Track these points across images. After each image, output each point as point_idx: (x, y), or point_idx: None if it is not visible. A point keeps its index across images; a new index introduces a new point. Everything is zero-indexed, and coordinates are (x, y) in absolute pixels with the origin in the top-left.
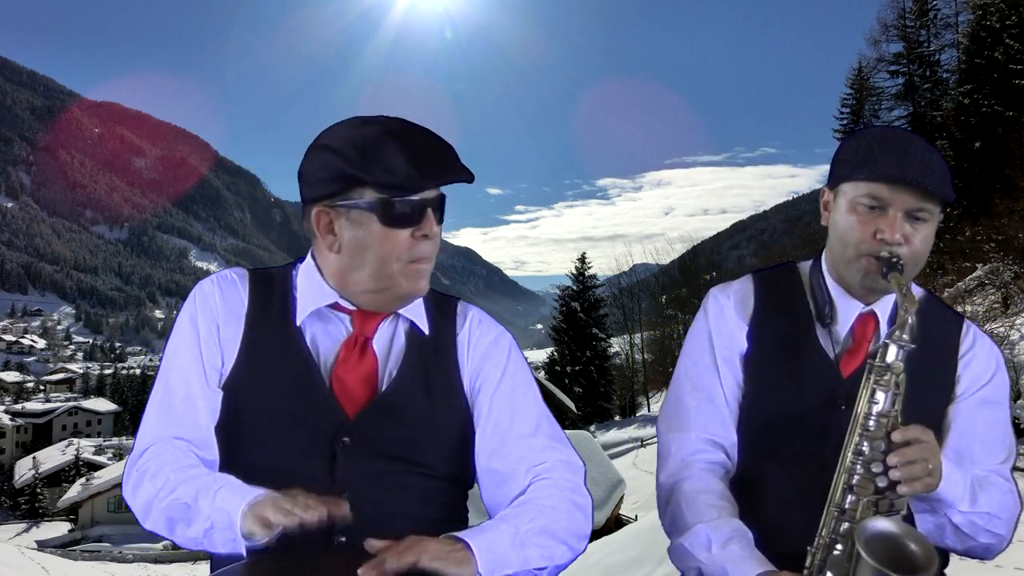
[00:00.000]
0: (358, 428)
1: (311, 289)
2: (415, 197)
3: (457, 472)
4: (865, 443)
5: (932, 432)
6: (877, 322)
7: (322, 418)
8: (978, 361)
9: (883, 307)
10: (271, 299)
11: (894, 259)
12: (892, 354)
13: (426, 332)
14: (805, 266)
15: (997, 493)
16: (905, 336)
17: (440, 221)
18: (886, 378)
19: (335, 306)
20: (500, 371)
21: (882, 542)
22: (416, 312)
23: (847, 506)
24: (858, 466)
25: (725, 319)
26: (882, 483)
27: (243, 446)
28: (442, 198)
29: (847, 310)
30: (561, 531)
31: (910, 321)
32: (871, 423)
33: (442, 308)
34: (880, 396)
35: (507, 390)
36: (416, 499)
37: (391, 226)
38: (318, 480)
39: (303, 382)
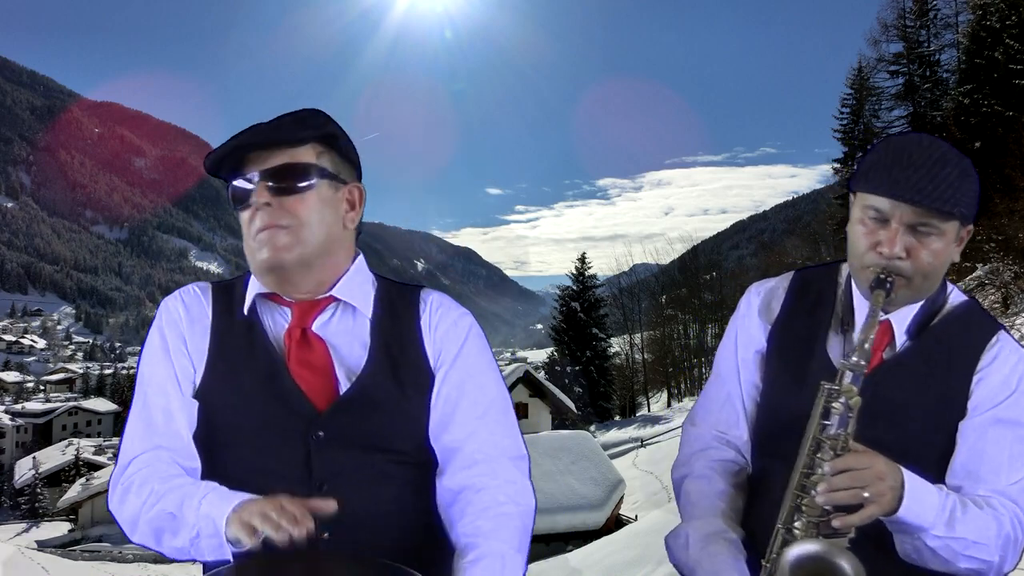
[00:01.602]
0: (330, 421)
1: (254, 284)
2: (242, 179)
3: (428, 456)
4: (814, 464)
5: (879, 457)
6: (892, 331)
7: (292, 414)
8: (994, 378)
9: (901, 316)
10: (232, 306)
11: (883, 275)
12: (848, 378)
13: (368, 315)
14: (847, 268)
15: (985, 518)
16: (862, 362)
17: (286, 191)
18: (840, 401)
19: (278, 300)
20: (456, 350)
21: (809, 566)
22: (354, 295)
23: (795, 527)
24: (806, 487)
25: (750, 317)
26: (828, 506)
27: (221, 450)
28: (281, 168)
29: (865, 317)
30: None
31: (866, 346)
32: (822, 445)
33: (403, 296)
34: (834, 419)
35: (460, 369)
36: (394, 487)
37: (238, 210)
38: (296, 476)
39: (270, 380)
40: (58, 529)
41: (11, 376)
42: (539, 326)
